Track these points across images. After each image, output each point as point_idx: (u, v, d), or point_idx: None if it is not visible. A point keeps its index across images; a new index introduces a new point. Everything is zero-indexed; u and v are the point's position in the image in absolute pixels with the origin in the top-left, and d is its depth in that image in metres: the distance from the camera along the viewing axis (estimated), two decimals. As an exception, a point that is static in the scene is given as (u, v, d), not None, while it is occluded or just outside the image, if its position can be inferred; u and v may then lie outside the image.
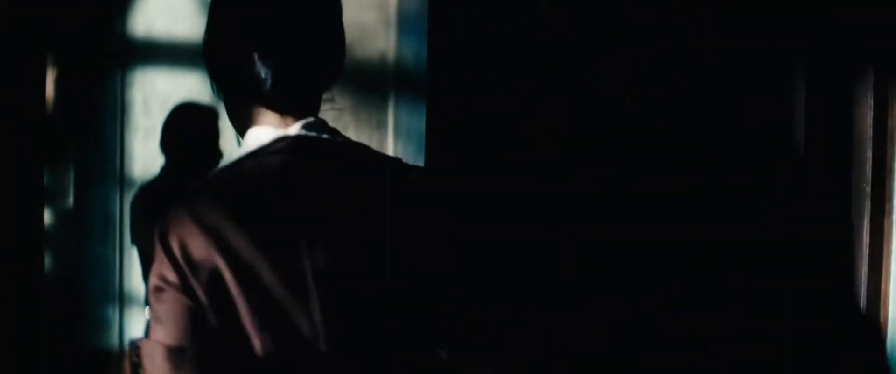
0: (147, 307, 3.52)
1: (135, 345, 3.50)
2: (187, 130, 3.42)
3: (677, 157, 4.01)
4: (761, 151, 3.98)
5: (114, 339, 5.07)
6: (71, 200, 5.04)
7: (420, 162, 5.14)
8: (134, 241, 3.47)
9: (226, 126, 3.53)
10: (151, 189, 3.42)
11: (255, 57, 1.93)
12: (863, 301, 3.67)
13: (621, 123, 4.04)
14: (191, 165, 3.44)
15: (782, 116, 3.97)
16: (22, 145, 4.70)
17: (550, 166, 3.98)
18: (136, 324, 4.96)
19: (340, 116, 5.14)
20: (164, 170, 3.48)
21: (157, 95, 5.08)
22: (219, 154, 3.49)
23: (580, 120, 4.00)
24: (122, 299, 5.06)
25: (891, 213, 3.73)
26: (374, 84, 5.10)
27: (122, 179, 5.04)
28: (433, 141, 4.02)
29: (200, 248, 1.83)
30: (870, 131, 3.69)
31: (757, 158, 4.00)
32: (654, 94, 4.03)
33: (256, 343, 1.80)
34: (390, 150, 5.16)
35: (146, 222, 3.35)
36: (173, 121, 3.42)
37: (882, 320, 3.73)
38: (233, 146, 3.60)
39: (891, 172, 3.71)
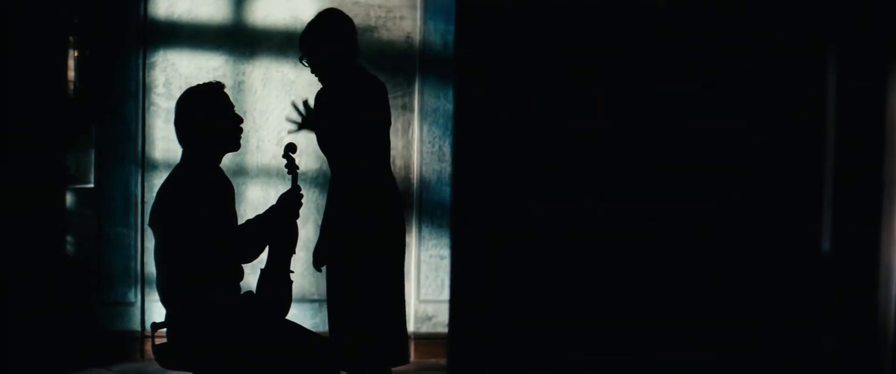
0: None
1: (156, 327, 3.49)
2: (208, 111, 3.37)
3: (702, 147, 3.98)
4: (791, 141, 3.94)
5: (135, 320, 5.06)
6: (92, 181, 5.03)
7: (447, 144, 5.13)
8: (152, 225, 3.48)
9: (248, 103, 3.50)
10: (175, 173, 3.40)
11: None
12: (894, 290, 3.63)
13: (648, 110, 4.00)
14: (212, 148, 3.41)
15: (813, 104, 3.93)
16: (43, 127, 4.69)
17: (579, 149, 3.94)
18: (157, 306, 4.93)
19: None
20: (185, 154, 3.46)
21: (178, 77, 5.06)
22: (238, 134, 3.46)
23: (611, 102, 3.96)
24: (144, 281, 5.05)
25: (922, 201, 3.69)
26: (400, 66, 5.08)
27: (144, 161, 5.03)
28: (461, 123, 3.98)
29: None
30: (903, 118, 3.65)
31: (786, 147, 3.96)
32: (680, 81, 4.00)
33: None
34: (416, 132, 5.14)
35: (171, 206, 3.35)
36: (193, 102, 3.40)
37: (912, 308, 3.69)
38: (251, 128, 3.56)
39: (923, 160, 3.66)
